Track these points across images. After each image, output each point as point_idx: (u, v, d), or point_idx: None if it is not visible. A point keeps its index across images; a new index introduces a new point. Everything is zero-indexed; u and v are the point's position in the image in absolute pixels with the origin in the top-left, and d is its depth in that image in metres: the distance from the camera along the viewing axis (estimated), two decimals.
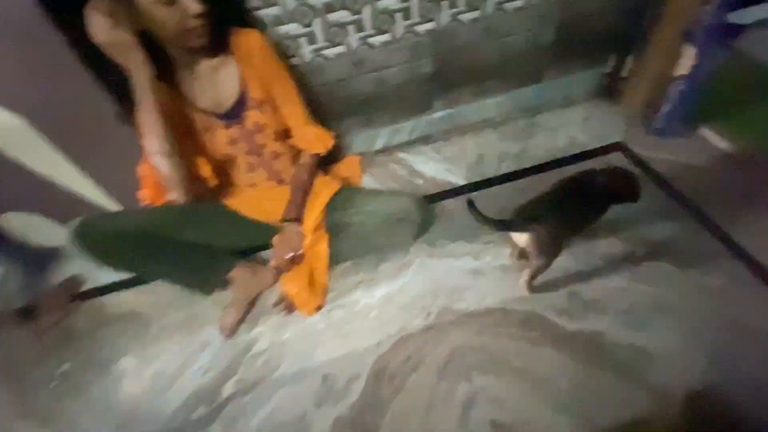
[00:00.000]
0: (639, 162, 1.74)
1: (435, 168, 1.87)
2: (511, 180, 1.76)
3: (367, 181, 1.83)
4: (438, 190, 1.77)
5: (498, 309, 1.36)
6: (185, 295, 1.48)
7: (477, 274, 1.46)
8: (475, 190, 1.74)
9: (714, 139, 1.73)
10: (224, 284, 1.42)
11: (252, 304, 1.46)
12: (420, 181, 1.82)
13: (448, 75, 1.78)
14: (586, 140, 1.85)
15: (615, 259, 1.43)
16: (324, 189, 1.44)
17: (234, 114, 1.27)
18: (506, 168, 1.80)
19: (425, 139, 1.98)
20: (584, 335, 1.27)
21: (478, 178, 1.79)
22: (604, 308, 1.31)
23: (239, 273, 1.40)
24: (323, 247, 1.38)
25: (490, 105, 1.96)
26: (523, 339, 1.28)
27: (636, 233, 1.48)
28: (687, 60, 1.50)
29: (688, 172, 1.64)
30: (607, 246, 1.46)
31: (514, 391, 1.18)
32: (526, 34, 1.72)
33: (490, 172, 1.80)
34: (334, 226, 1.40)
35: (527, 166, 1.79)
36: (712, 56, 1.46)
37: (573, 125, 1.93)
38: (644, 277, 1.36)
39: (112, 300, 1.60)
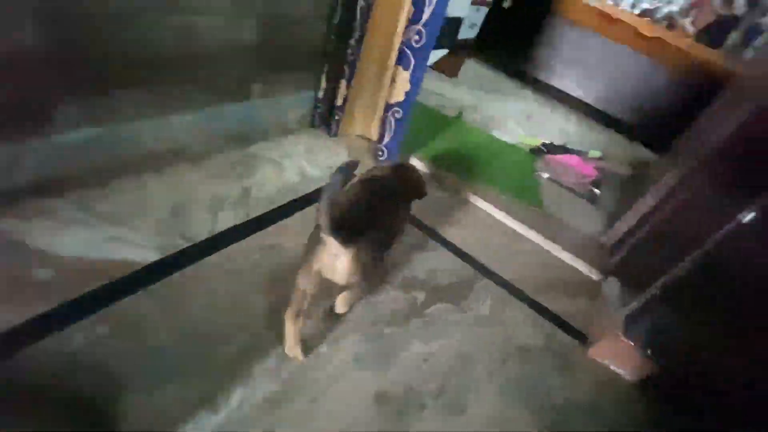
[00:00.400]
0: None
1: (82, 239, 0.93)
2: (244, 236, 1.12)
3: None
4: (100, 282, 0.87)
5: None
6: None
7: None
8: (185, 266, 0.98)
9: (420, 165, 1.81)
10: None
11: None
12: (47, 274, 0.84)
13: (74, 58, 0.93)
14: (317, 173, 1.50)
15: (402, 315, 1.09)
16: None
17: None
18: (227, 219, 1.14)
19: (45, 187, 0.99)
20: None
21: (181, 244, 1.03)
22: (417, 398, 0.93)
23: None
24: None
25: (179, 126, 1.24)
26: None
27: (409, 277, 1.22)
28: (401, 85, 1.43)
29: None
30: (390, 301, 1.12)
31: None
32: (223, 21, 1.16)
33: (202, 229, 1.08)
34: None
35: (259, 213, 1.21)
36: (420, 80, 1.44)
37: (297, 157, 1.53)
38: (436, 329, 1.10)
39: None
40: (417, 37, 1.32)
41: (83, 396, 0.72)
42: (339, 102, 1.61)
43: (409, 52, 1.37)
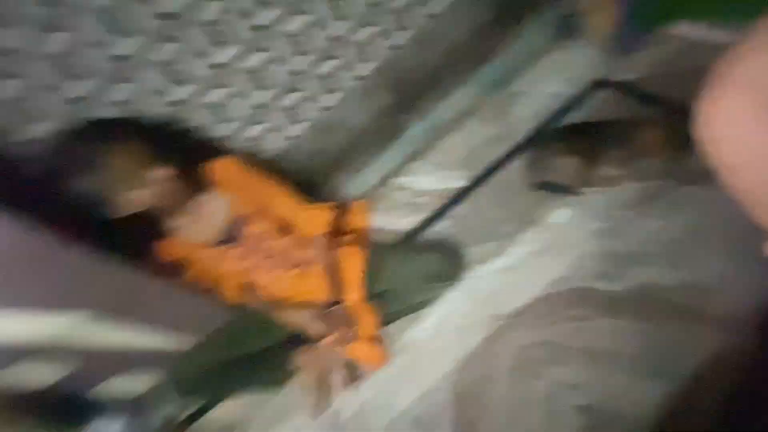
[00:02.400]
0: (631, 91, 1.65)
1: (433, 180, 1.87)
2: (510, 160, 1.74)
3: (379, 219, 1.86)
4: (443, 201, 1.80)
5: (542, 298, 1.39)
6: (263, 396, 1.57)
7: (509, 271, 1.49)
8: (478, 185, 1.75)
9: (690, 31, 1.61)
10: (291, 374, 1.53)
11: (327, 381, 1.53)
12: (424, 199, 1.85)
13: (405, 98, 1.81)
14: (569, 89, 1.79)
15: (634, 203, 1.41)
16: (350, 262, 1.46)
17: (234, 234, 1.38)
18: (497, 152, 1.79)
19: (413, 156, 2.01)
20: (635, 291, 1.28)
21: (478, 171, 1.80)
22: (643, 257, 1.31)
23: (304, 359, 1.52)
24: (371, 319, 1.45)
25: (459, 97, 1.95)
26: (577, 318, 1.31)
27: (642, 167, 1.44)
28: None
29: (680, 80, 1.53)
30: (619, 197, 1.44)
31: (588, 372, 1.22)
32: (457, 20, 1.70)
33: (484, 162, 1.80)
34: (372, 295, 1.45)
35: (518, 141, 1.78)
36: None
37: (546, 81, 1.84)
38: (672, 210, 1.34)
39: (204, 424, 1.57)
40: None
41: None
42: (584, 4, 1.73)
43: None
